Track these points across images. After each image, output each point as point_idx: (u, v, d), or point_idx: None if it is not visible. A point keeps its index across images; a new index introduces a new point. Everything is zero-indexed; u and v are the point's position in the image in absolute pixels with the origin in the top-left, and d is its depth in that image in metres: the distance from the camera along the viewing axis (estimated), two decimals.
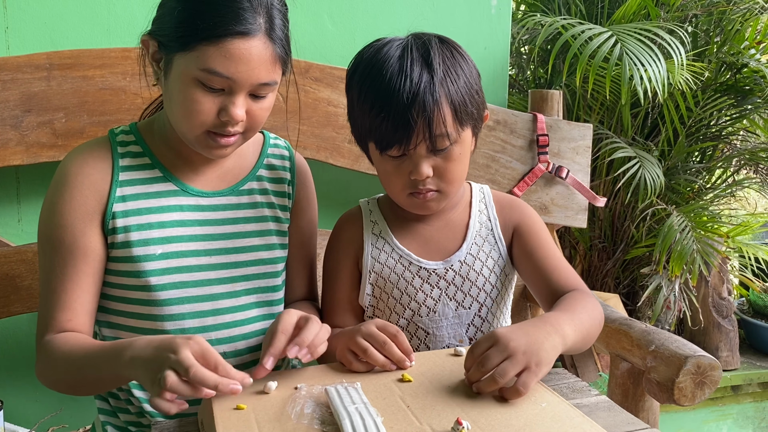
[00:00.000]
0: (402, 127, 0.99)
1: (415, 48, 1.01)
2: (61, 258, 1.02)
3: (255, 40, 0.95)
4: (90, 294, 1.04)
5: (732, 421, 2.44)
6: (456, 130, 1.01)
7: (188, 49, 0.95)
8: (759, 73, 2.12)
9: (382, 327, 0.96)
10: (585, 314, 1.00)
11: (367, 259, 1.14)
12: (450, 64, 1.02)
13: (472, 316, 1.13)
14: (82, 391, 1.05)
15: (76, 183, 1.03)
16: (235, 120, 0.98)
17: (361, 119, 1.05)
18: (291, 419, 0.80)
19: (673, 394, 1.23)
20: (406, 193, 1.06)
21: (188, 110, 0.98)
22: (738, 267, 2.49)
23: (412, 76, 0.98)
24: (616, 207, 2.34)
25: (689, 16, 2.24)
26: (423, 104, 0.98)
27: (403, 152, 1.02)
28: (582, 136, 1.76)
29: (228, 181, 1.13)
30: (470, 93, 1.03)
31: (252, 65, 0.96)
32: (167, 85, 1.01)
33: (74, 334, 1.01)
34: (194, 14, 0.94)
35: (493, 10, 1.83)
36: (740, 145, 2.51)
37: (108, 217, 1.04)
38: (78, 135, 1.42)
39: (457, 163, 1.04)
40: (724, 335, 2.34)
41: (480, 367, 0.85)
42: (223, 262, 1.10)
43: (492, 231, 1.16)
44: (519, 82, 2.61)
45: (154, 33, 1.01)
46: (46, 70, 1.39)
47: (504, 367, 0.83)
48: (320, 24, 1.68)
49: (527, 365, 0.84)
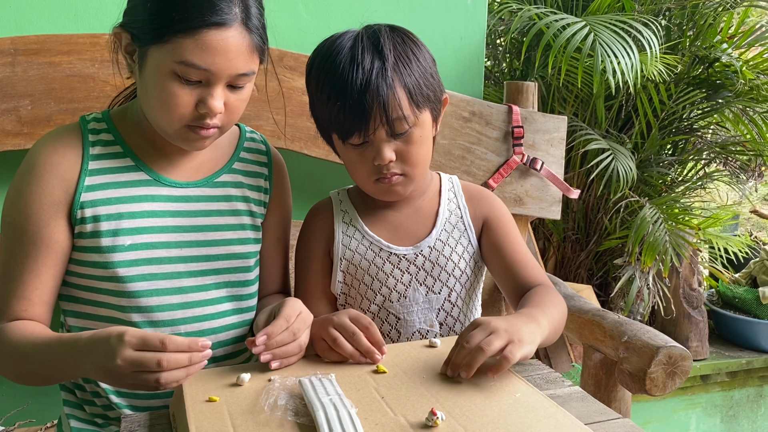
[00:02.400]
0: (359, 113, 1.01)
1: (366, 37, 1.04)
2: (22, 247, 1.00)
3: (231, 30, 0.94)
4: (49, 286, 1.02)
5: (701, 410, 2.49)
6: (413, 113, 1.03)
7: (163, 41, 0.93)
8: (731, 67, 2.15)
9: (354, 318, 0.96)
10: (554, 309, 1.04)
11: (338, 246, 1.15)
12: (401, 50, 1.04)
13: (442, 301, 1.15)
14: (35, 382, 1.04)
15: (44, 172, 1.01)
16: (214, 112, 0.97)
17: (321, 112, 1.08)
18: (264, 411, 0.79)
19: (645, 384, 1.24)
20: (372, 180, 1.08)
21: (166, 104, 0.96)
22: (708, 258, 2.54)
23: (364, 64, 1.01)
24: (589, 199, 2.36)
25: (663, 9, 2.26)
26: (376, 89, 1.00)
27: (364, 139, 1.04)
28: (556, 128, 1.77)
29: (203, 173, 1.11)
30: (424, 76, 1.05)
31: (229, 56, 0.94)
32: (142, 78, 0.98)
33: (27, 323, 1.00)
34: (168, 5, 0.92)
35: (468, 0, 1.83)
36: (711, 138, 2.55)
37: (76, 206, 1.01)
38: (45, 123, 1.39)
39: (419, 146, 1.06)
40: (694, 326, 2.38)
41: (465, 344, 0.87)
42: (194, 254, 1.08)
43: (462, 218, 1.18)
44: (495, 73, 2.61)
45: (127, 25, 0.98)
46: (10, 55, 1.35)
47: (489, 339, 0.86)
48: (295, 12, 1.66)
49: (510, 339, 0.87)
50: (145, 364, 0.82)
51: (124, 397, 1.07)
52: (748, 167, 2.63)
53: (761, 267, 2.52)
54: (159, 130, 1.02)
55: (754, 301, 2.48)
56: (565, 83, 2.21)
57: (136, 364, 0.82)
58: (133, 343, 0.83)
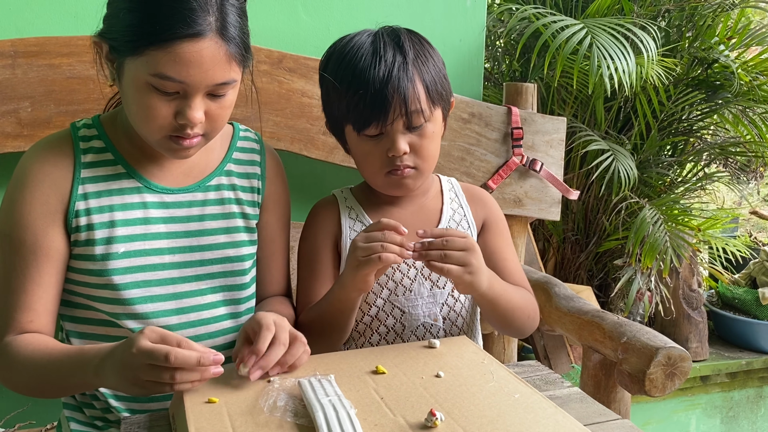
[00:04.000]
0: (379, 104, 1.04)
1: (386, 34, 1.10)
2: (21, 258, 0.99)
3: (206, 41, 0.91)
4: (51, 294, 1.01)
5: (701, 410, 2.49)
6: (429, 108, 1.08)
7: (137, 53, 0.91)
8: (729, 68, 2.15)
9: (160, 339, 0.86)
10: (518, 295, 1.14)
11: (346, 241, 1.16)
12: (419, 49, 1.10)
13: (446, 296, 1.17)
14: (47, 395, 1.03)
15: (37, 181, 1.00)
16: (192, 123, 0.95)
17: (338, 104, 1.10)
18: (263, 412, 0.79)
19: (644, 385, 1.24)
20: (384, 172, 1.11)
21: (144, 115, 0.95)
22: (707, 259, 2.53)
23: (386, 58, 1.05)
24: (589, 200, 2.36)
25: (662, 10, 2.26)
26: (398, 81, 1.04)
27: (381, 130, 1.07)
28: (556, 129, 1.77)
29: (194, 177, 1.10)
30: (439, 75, 1.11)
31: (204, 67, 0.92)
32: (122, 88, 0.97)
33: (36, 336, 0.99)
34: (141, 17, 0.90)
35: (468, 2, 1.83)
36: (710, 139, 2.55)
37: (71, 215, 1.01)
38: (45, 125, 1.39)
39: (431, 140, 1.10)
40: (694, 326, 2.38)
41: (435, 243, 0.98)
42: (187, 260, 1.07)
43: (465, 216, 1.21)
44: (494, 75, 2.61)
45: (105, 34, 0.96)
46: (10, 57, 1.35)
47: (463, 255, 0.98)
48: (294, 14, 1.66)
49: (471, 271, 0.99)
50: (155, 355, 0.80)
51: (123, 400, 1.07)
52: (748, 168, 2.63)
53: (761, 268, 2.52)
54: (144, 139, 1.01)
55: (754, 301, 2.48)
56: (564, 85, 2.21)
57: (149, 355, 0.81)
58: (151, 337, 0.83)
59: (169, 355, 0.80)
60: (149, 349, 0.81)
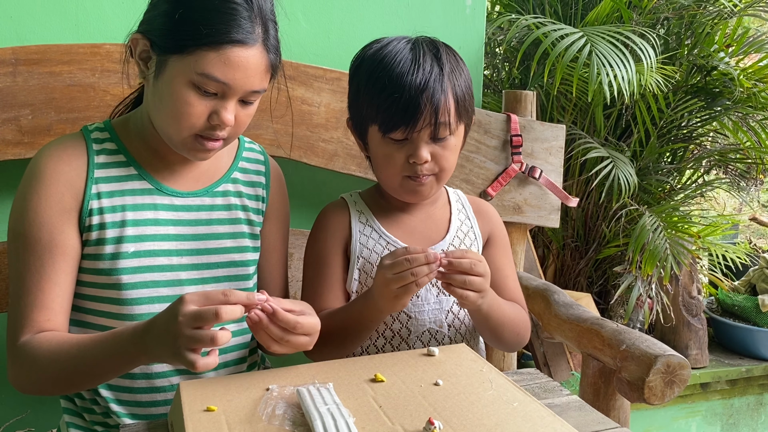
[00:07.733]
0: (411, 110, 1.05)
1: (425, 44, 1.11)
2: (36, 256, 1.00)
3: (253, 50, 0.97)
4: (67, 292, 1.02)
5: (701, 418, 2.48)
6: (456, 121, 1.10)
7: (186, 52, 0.95)
8: (728, 75, 2.15)
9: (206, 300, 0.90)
10: (512, 313, 1.16)
11: (356, 245, 1.17)
12: (455, 63, 1.12)
13: (452, 303, 1.18)
14: (77, 386, 1.02)
15: (52, 179, 1.01)
16: (225, 124, 0.99)
17: (368, 103, 1.10)
18: (262, 420, 0.79)
19: (643, 392, 1.24)
20: (401, 177, 1.12)
21: (179, 112, 0.98)
22: (707, 266, 2.53)
23: (425, 66, 1.07)
24: (588, 207, 2.36)
25: (661, 18, 2.26)
26: (432, 91, 1.06)
27: (406, 136, 1.08)
28: (555, 136, 1.77)
29: (203, 182, 1.13)
30: (468, 92, 1.13)
31: (248, 73, 0.97)
32: (157, 85, 1.00)
33: (56, 333, 0.99)
34: (195, 19, 0.95)
35: (467, 9, 1.84)
36: (710, 146, 2.55)
37: (84, 214, 1.03)
38: (45, 132, 1.39)
39: (452, 153, 1.12)
40: (694, 333, 2.37)
41: (463, 265, 0.99)
42: (194, 263, 1.09)
43: (472, 228, 1.23)
44: (494, 82, 2.62)
45: (147, 32, 1.00)
46: (11, 65, 1.36)
47: (479, 280, 1.00)
48: (294, 22, 1.67)
49: (482, 293, 1.02)
50: (204, 317, 0.82)
51: (123, 405, 1.07)
52: (747, 175, 2.63)
53: (760, 275, 2.52)
54: (166, 138, 1.04)
55: (754, 308, 2.47)
56: (564, 92, 2.22)
57: (196, 318, 0.82)
58: (194, 300, 0.84)
59: (220, 312, 0.82)
60: (196, 312, 0.82)
